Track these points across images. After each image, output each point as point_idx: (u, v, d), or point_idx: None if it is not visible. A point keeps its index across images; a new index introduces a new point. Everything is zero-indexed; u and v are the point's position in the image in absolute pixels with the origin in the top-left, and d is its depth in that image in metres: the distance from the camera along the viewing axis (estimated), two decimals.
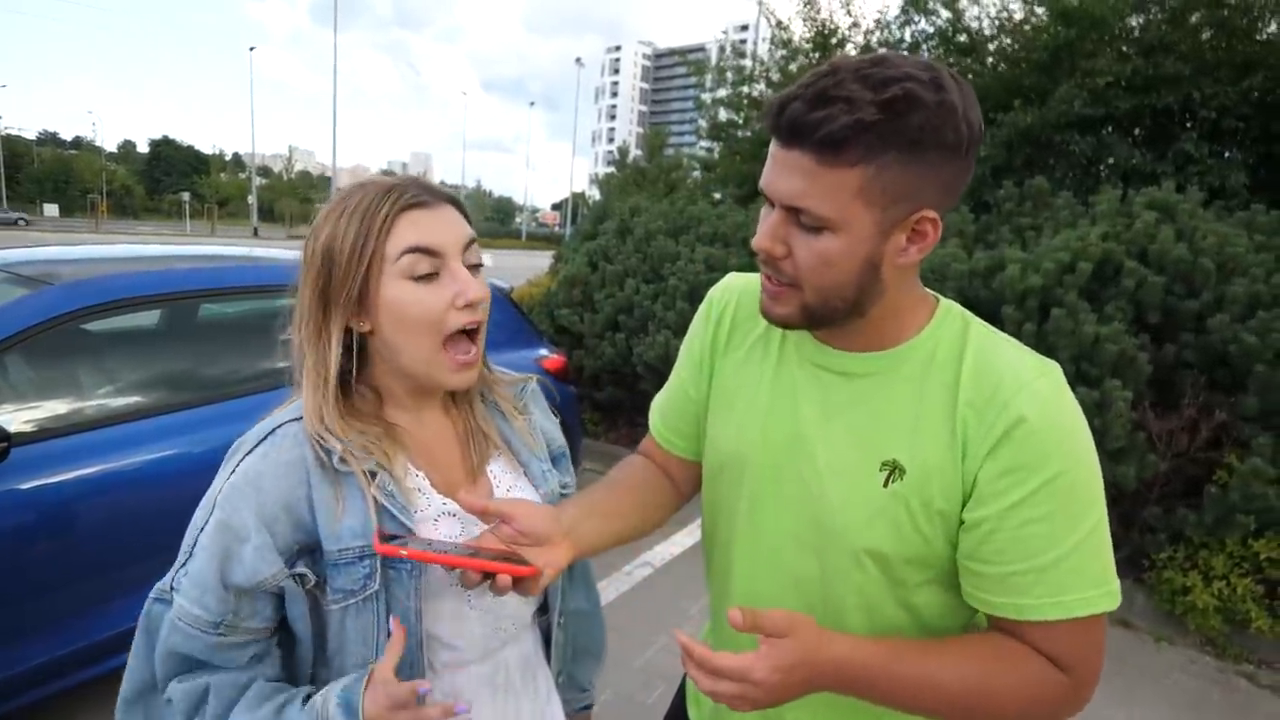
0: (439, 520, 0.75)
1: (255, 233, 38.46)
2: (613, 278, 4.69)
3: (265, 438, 0.71)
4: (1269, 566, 2.69)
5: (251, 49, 41.50)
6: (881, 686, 0.64)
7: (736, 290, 0.85)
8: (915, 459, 0.67)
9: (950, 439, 0.66)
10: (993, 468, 0.64)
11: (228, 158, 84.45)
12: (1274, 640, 2.66)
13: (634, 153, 15.23)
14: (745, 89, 7.14)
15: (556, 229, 61.55)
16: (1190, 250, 3.14)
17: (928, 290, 0.73)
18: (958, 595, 0.70)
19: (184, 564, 0.67)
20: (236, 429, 0.73)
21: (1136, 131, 4.87)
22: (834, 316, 0.67)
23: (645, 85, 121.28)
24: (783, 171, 0.62)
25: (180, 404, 2.06)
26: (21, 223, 36.66)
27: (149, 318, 2.47)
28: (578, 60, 57.01)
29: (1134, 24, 4.77)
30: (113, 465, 1.85)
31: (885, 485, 0.68)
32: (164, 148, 62.78)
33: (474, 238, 0.75)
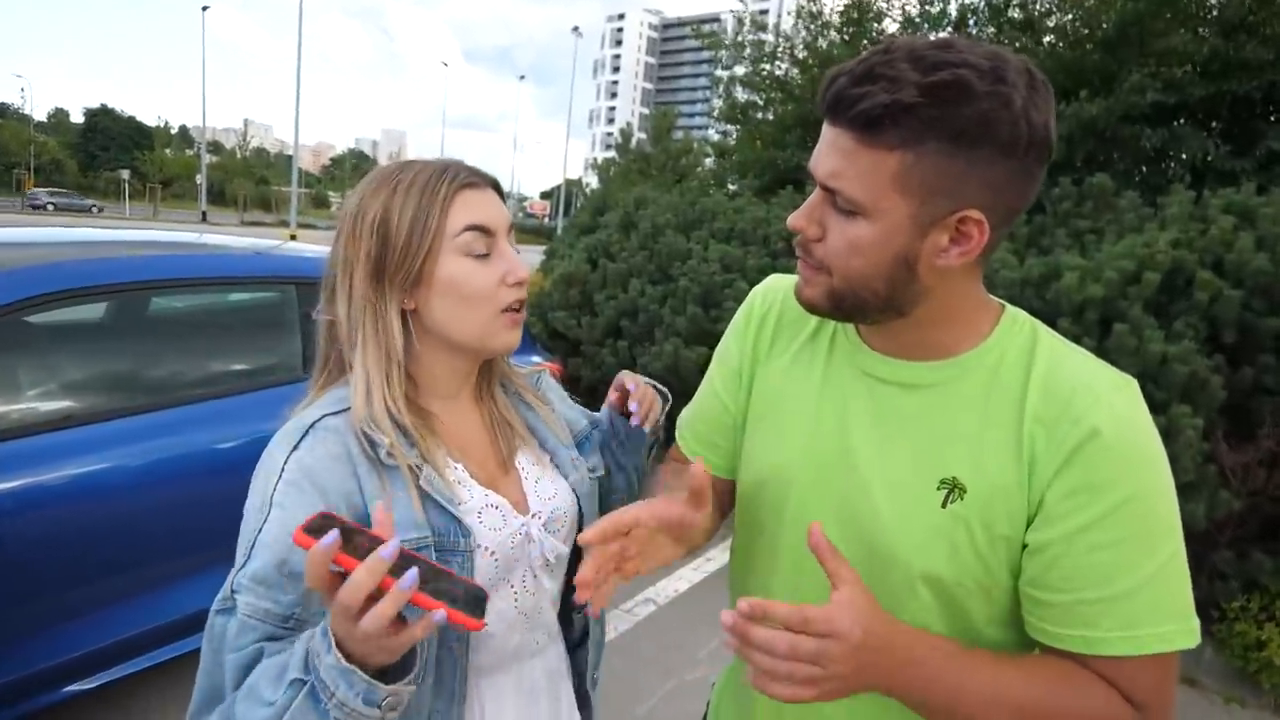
0: (482, 512, 0.83)
1: (204, 217, 38.55)
2: (615, 277, 4.75)
3: (307, 432, 0.77)
4: None
5: (205, 8, 41.85)
6: (945, 682, 0.65)
7: (781, 291, 0.88)
8: (978, 478, 0.69)
9: (1017, 456, 0.68)
10: (1061, 487, 0.66)
11: (174, 131, 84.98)
12: None
13: (638, 135, 15.35)
14: (767, 67, 7.23)
15: (546, 220, 61.83)
16: (1272, 261, 3.19)
17: (993, 298, 0.76)
18: (1021, 633, 0.73)
19: (242, 567, 0.73)
20: (186, 439, 0.76)
21: (1213, 124, 4.94)
22: (865, 309, 0.71)
23: (651, 60, 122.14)
24: (825, 149, 0.67)
25: (125, 409, 2.09)
26: (95, 210, 38.35)
27: (94, 310, 2.51)
28: (575, 29, 57.49)
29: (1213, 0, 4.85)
30: (45, 477, 1.88)
31: (944, 505, 0.70)
32: (101, 118, 62.96)
33: (512, 220, 0.87)
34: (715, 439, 0.92)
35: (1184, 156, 4.83)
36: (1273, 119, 4.71)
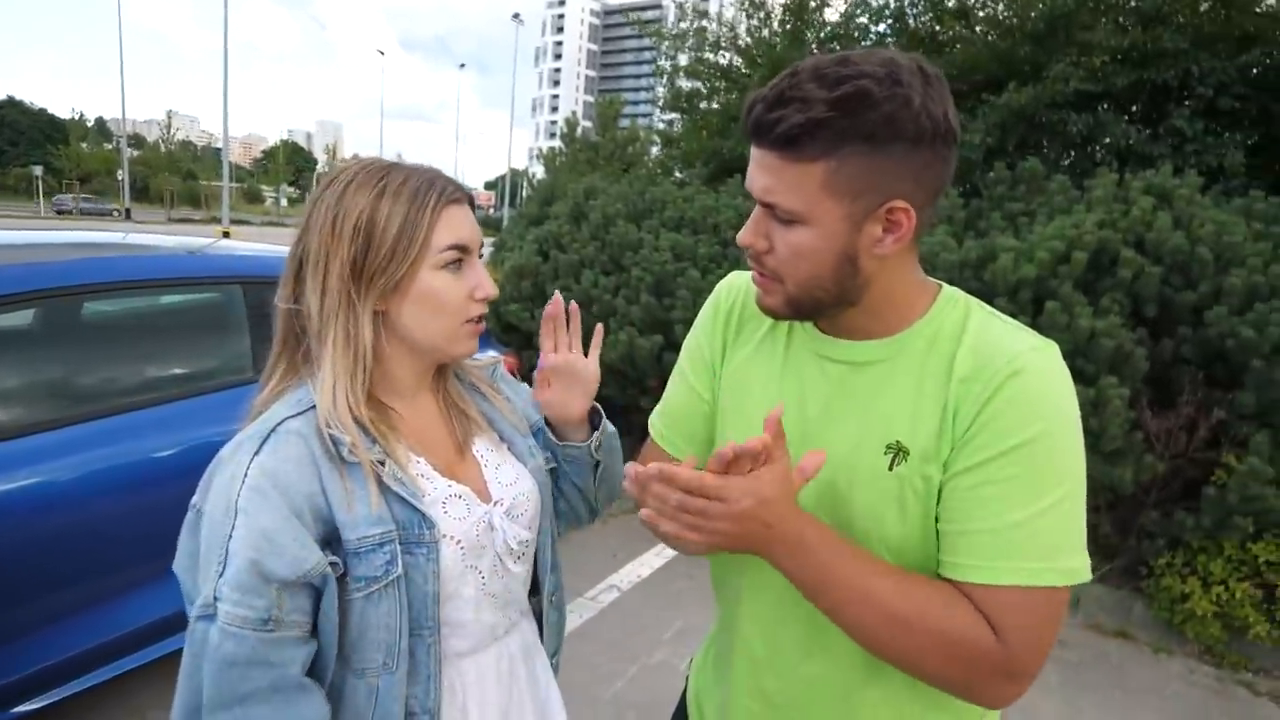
0: (447, 503, 0.88)
1: (128, 214, 37.03)
2: (567, 268, 4.80)
3: (268, 436, 0.80)
4: (1268, 570, 2.97)
5: None
6: (823, 569, 0.74)
7: (742, 288, 0.96)
8: (915, 437, 0.78)
9: (943, 412, 0.77)
10: (972, 430, 0.75)
11: (90, 124, 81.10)
12: (1273, 646, 2.95)
13: (584, 124, 15.33)
14: (710, 56, 7.33)
15: (492, 211, 61.13)
16: (1188, 239, 3.43)
17: (930, 279, 0.85)
18: None
19: (220, 574, 0.75)
20: (124, 447, 0.78)
21: (1134, 109, 5.24)
22: (820, 307, 0.80)
23: (594, 47, 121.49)
24: (756, 169, 0.76)
25: (60, 420, 2.04)
26: (116, 214, 37.47)
27: (22, 317, 2.43)
28: (515, 16, 56.81)
29: None
30: None
31: (891, 468, 0.78)
32: (8, 111, 59.90)
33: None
34: (694, 428, 0.98)
35: (1108, 141, 5.11)
36: (1185, 104, 5.02)
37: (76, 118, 69.88)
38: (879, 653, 0.76)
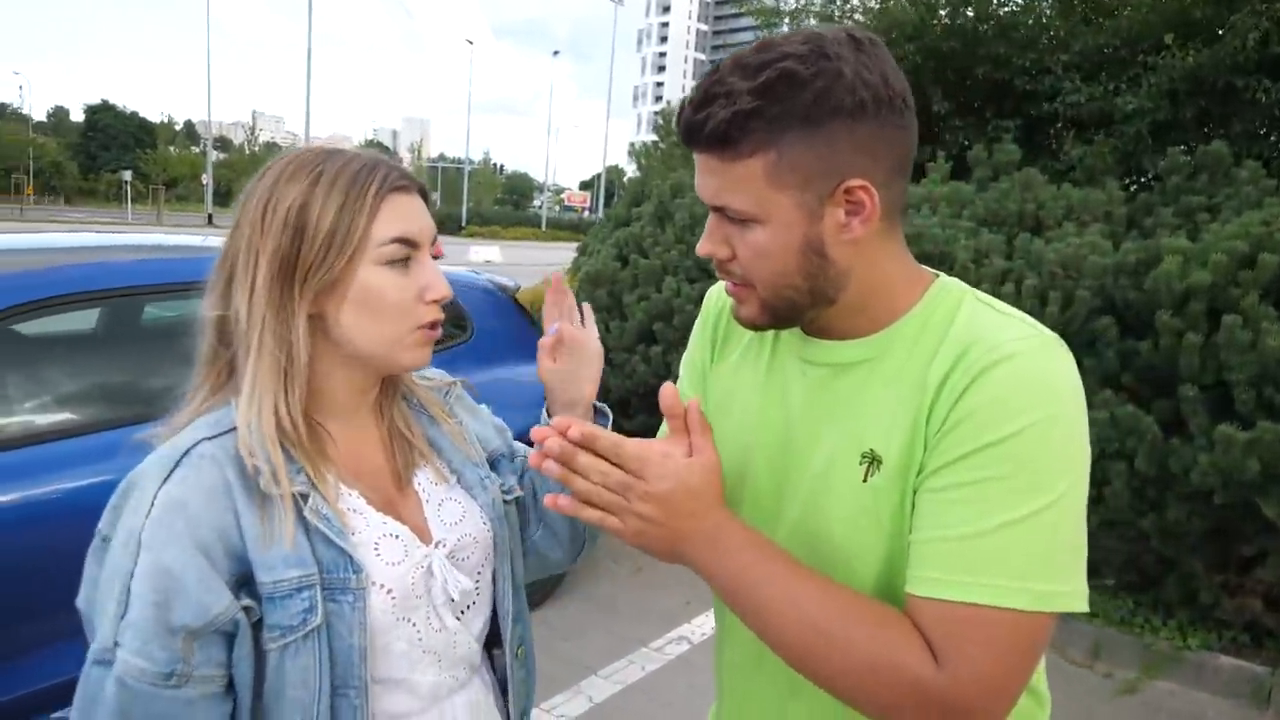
0: (379, 544, 0.85)
1: (210, 220, 40.13)
2: (647, 275, 4.80)
3: (179, 461, 0.79)
4: None
5: None
6: (743, 569, 0.75)
7: (727, 296, 0.97)
8: (889, 446, 0.77)
9: (917, 413, 0.76)
10: (949, 423, 0.73)
11: (179, 127, 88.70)
12: None
13: None
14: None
15: (586, 213, 62.41)
16: None
17: (925, 268, 0.85)
18: None
19: (121, 615, 0.74)
20: None
21: None
22: (797, 309, 0.81)
23: (704, 27, 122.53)
24: (699, 175, 0.79)
25: (118, 420, 2.21)
26: None
27: (85, 319, 2.68)
28: None
29: None
30: (38, 491, 2.02)
31: (865, 480, 0.78)
32: (102, 115, 66.25)
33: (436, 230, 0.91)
34: None
35: None
36: None
37: (165, 120, 76.67)
38: (801, 669, 0.75)
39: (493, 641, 1.01)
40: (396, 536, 0.87)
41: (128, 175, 46.05)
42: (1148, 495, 3.13)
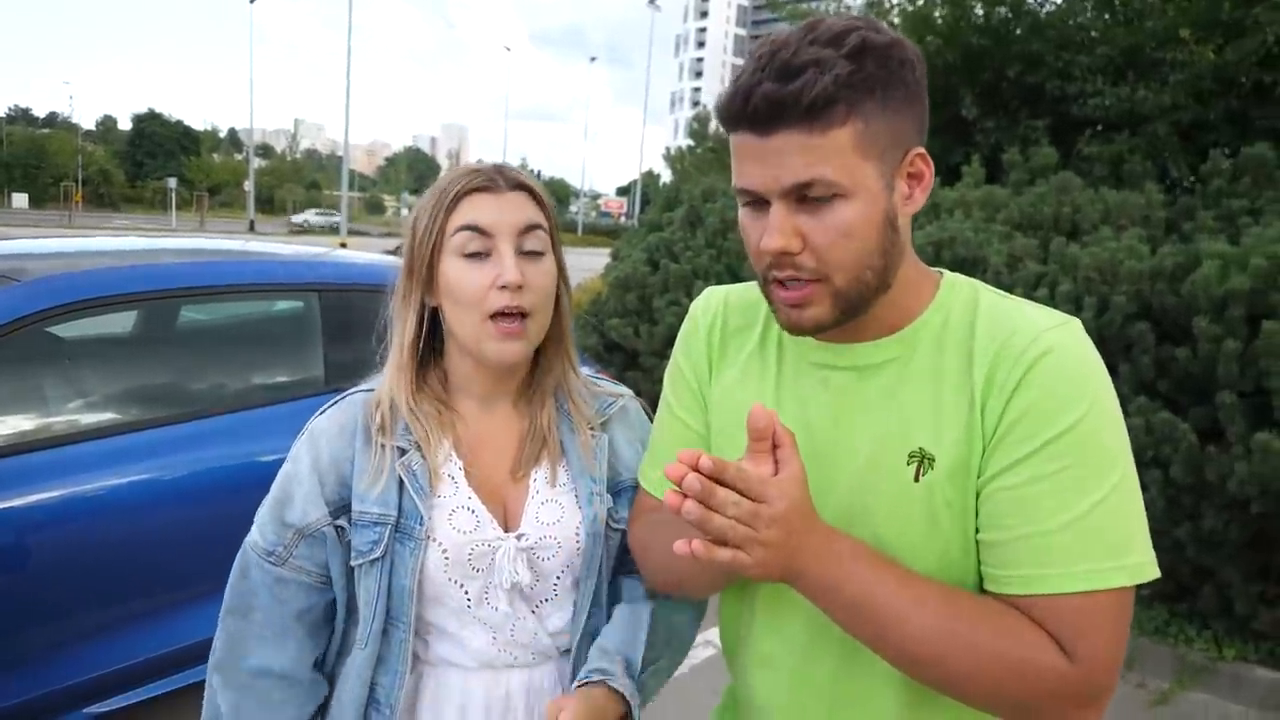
0: (456, 511, 0.97)
1: (251, 226, 40.93)
2: (677, 280, 4.85)
3: (336, 402, 1.02)
4: None
5: (252, 1, 44.63)
6: (863, 583, 0.73)
7: (720, 302, 0.99)
8: (941, 443, 0.78)
9: (970, 409, 0.77)
10: (1006, 421, 0.75)
11: (222, 135, 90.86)
12: None
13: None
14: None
15: (622, 219, 62.59)
16: None
17: (929, 267, 0.87)
18: None
19: (265, 501, 0.99)
20: (218, 451, 1.09)
21: None
22: (867, 295, 0.79)
23: (741, 31, 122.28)
24: (772, 159, 0.74)
25: (157, 420, 2.31)
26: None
27: (123, 321, 2.78)
28: (652, 2, 58.27)
29: None
30: (77, 489, 2.10)
31: (917, 479, 0.78)
32: (149, 124, 67.89)
33: (536, 224, 0.98)
34: None
35: None
36: None
37: (209, 129, 78.59)
38: (927, 674, 0.75)
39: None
40: (473, 511, 0.97)
41: (173, 182, 46.97)
42: (1183, 504, 3.10)
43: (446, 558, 0.95)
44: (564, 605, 1.02)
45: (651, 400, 4.09)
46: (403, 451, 0.96)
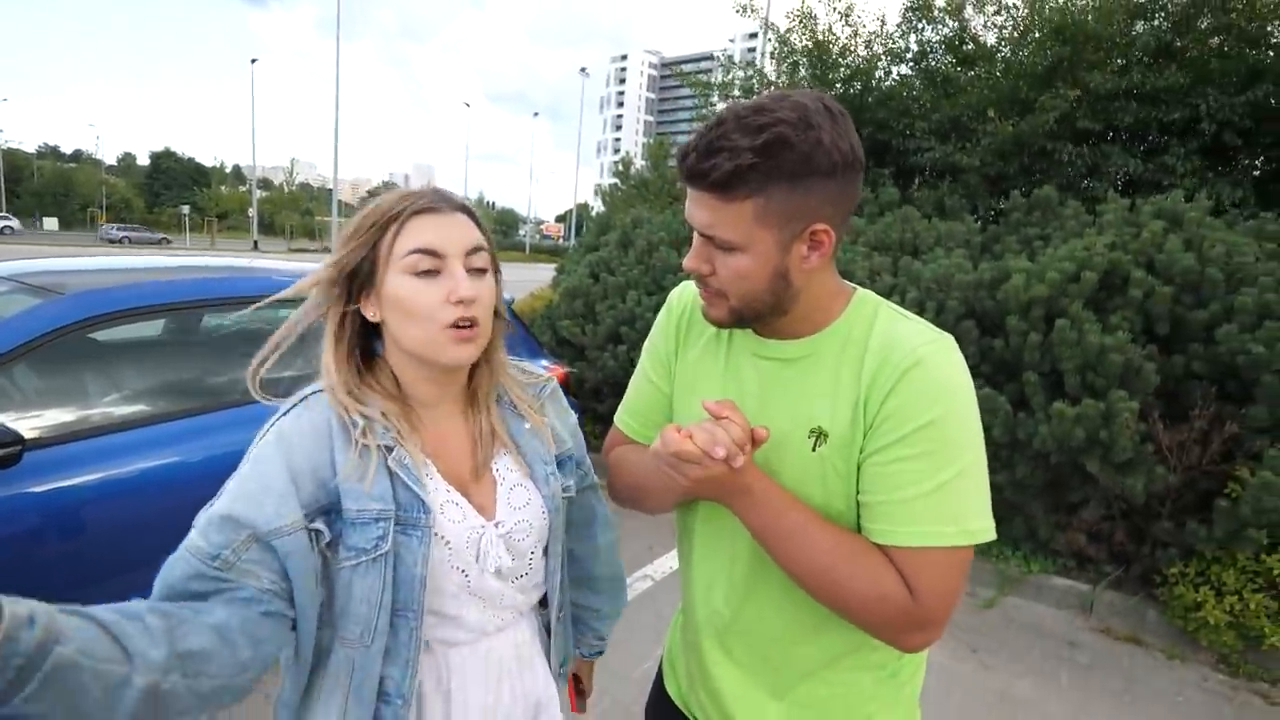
0: (444, 506, 0.83)
1: (255, 246, 38.84)
2: (614, 289, 4.76)
3: (299, 403, 0.81)
4: None
5: (253, 61, 42.23)
6: (776, 513, 0.78)
7: (690, 297, 0.99)
8: (835, 423, 0.80)
9: (856, 402, 0.79)
10: (882, 415, 0.77)
11: (228, 170, 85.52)
12: None
13: (638, 164, 15.34)
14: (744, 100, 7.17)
15: (560, 241, 61.93)
16: (1198, 260, 3.18)
17: (846, 283, 0.87)
18: None
19: (209, 506, 0.73)
20: (238, 436, 0.79)
21: (1141, 145, 4.93)
22: (759, 316, 0.82)
23: (651, 95, 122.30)
24: (695, 206, 0.78)
25: (183, 411, 2.14)
26: (164, 241, 39.07)
27: (154, 326, 2.56)
28: (582, 70, 57.68)
29: (1139, 29, 4.83)
30: (118, 470, 1.93)
31: (814, 450, 0.81)
32: (165, 160, 63.60)
33: (480, 245, 0.83)
34: (654, 417, 1.00)
35: (1113, 170, 4.80)
36: (1191, 140, 4.64)
37: (218, 165, 73.80)
38: (814, 588, 0.78)
39: (544, 601, 0.97)
40: (456, 504, 0.84)
41: (186, 210, 44.30)
42: (1001, 457, 3.20)
43: (450, 548, 0.82)
44: (536, 576, 0.92)
45: (595, 384, 4.02)
46: (389, 449, 0.79)
